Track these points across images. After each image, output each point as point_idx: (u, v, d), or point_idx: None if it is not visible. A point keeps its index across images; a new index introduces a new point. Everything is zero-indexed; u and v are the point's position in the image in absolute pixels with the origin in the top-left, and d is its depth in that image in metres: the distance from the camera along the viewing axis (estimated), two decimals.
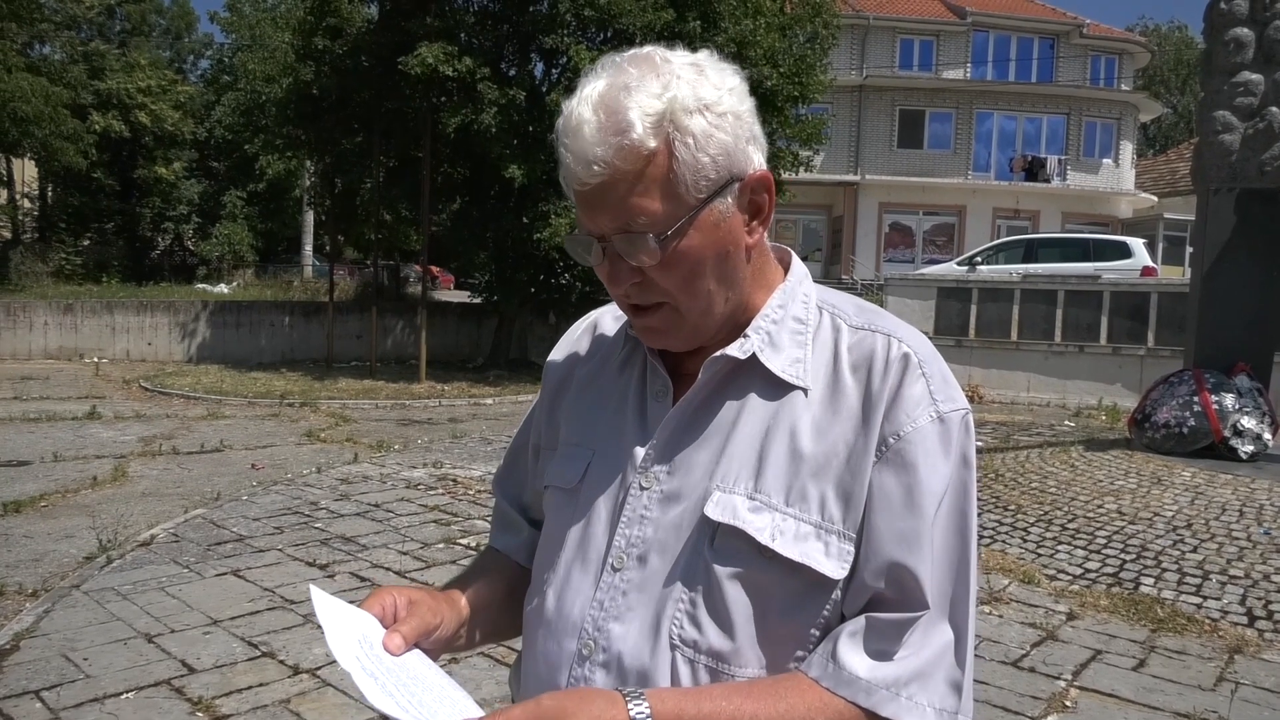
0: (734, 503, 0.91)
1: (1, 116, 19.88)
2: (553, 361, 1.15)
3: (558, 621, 0.97)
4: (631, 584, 0.94)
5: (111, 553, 5.20)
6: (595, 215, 0.91)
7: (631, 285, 0.93)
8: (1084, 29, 29.66)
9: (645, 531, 0.94)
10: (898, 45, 28.73)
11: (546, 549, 1.03)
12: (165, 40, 32.61)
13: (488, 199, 15.48)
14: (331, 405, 11.94)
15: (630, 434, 0.99)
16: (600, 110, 0.87)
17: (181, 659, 3.80)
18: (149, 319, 17.37)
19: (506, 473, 1.19)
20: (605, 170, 0.87)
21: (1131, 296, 13.79)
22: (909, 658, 0.87)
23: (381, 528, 5.96)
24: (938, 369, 0.95)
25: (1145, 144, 41.87)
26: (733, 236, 0.93)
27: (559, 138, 0.90)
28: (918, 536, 0.88)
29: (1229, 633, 4.41)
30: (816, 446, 0.92)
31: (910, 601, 0.88)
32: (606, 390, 1.05)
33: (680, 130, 0.87)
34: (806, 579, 0.89)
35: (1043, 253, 17.47)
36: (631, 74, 0.89)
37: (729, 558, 0.90)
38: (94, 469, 7.59)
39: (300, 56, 14.62)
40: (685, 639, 0.90)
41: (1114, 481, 6.87)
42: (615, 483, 0.98)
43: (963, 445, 0.93)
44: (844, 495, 0.90)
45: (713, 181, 0.89)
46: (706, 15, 13.32)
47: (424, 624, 0.95)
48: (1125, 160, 29.06)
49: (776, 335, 0.97)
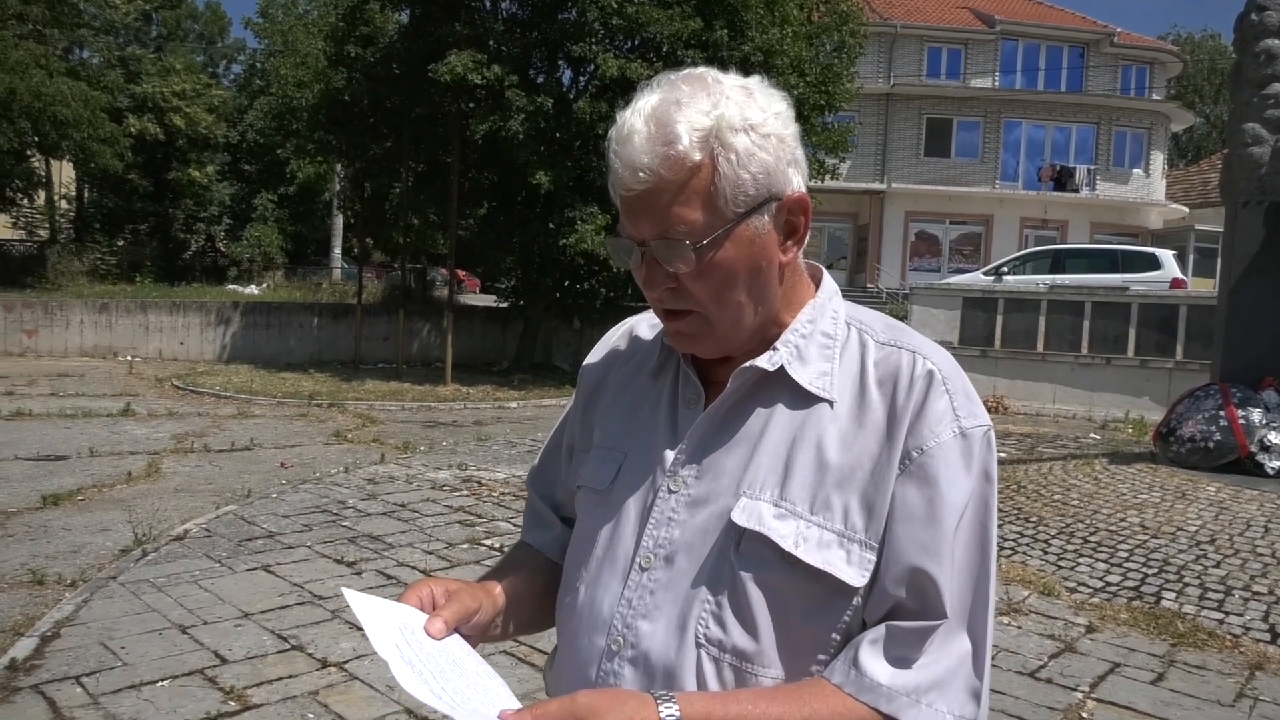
0: (760, 509, 0.95)
1: (42, 120, 20.34)
2: (588, 365, 1.19)
3: (589, 618, 1.02)
4: (659, 583, 0.98)
5: (146, 546, 5.34)
6: (637, 220, 0.95)
7: (665, 290, 0.97)
8: (1115, 38, 29.39)
9: (673, 533, 0.98)
10: (925, 53, 28.60)
11: (578, 547, 1.08)
12: (199, 45, 33.18)
13: (515, 204, 15.62)
14: (359, 406, 12.10)
15: (661, 439, 1.03)
16: (651, 122, 0.92)
17: (214, 649, 3.91)
18: (181, 319, 17.67)
19: (540, 470, 1.24)
20: (650, 178, 0.92)
21: (1160, 309, 13.65)
22: (929, 665, 0.91)
23: (407, 527, 6.06)
24: (960, 385, 0.98)
25: (1177, 154, 41.38)
26: (766, 253, 0.97)
27: (610, 145, 0.95)
28: (938, 547, 0.92)
29: (1250, 649, 4.38)
30: (841, 457, 0.95)
31: (930, 610, 0.91)
32: (640, 395, 1.09)
33: (725, 146, 0.92)
34: (828, 585, 0.93)
35: (1070, 263, 17.33)
36: (684, 91, 0.94)
37: (754, 562, 0.94)
38: (128, 465, 7.77)
39: (332, 63, 14.86)
40: (711, 638, 0.94)
41: (1137, 495, 6.84)
42: (645, 485, 1.02)
43: (984, 460, 0.96)
44: (867, 506, 0.94)
45: (751, 198, 0.94)
46: (733, 24, 13.38)
47: (464, 609, 0.99)
48: (1156, 170, 28.73)
49: (805, 349, 1.01)
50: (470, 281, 30.07)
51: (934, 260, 27.71)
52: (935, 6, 29.60)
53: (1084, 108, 28.00)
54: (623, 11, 13.10)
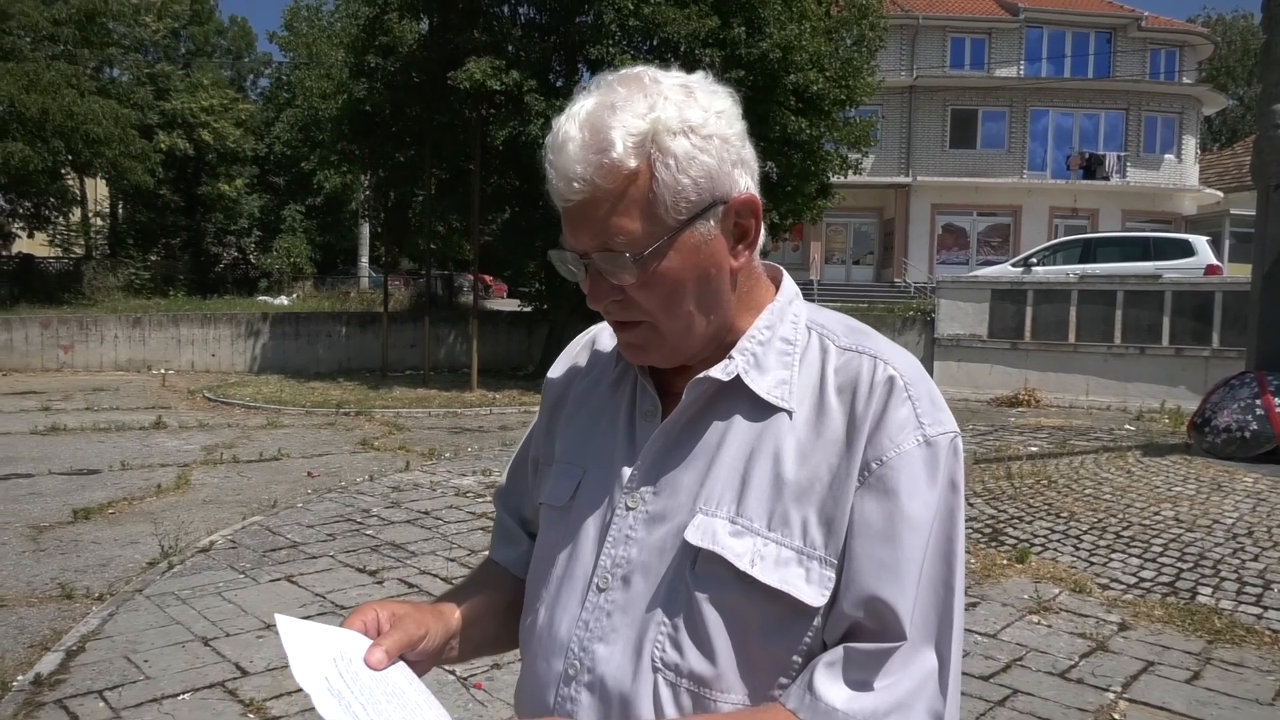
0: (715, 527, 0.91)
1: (75, 138, 20.73)
2: (551, 377, 1.15)
3: (547, 640, 0.98)
4: (616, 605, 0.94)
5: (173, 558, 5.41)
6: (577, 232, 0.92)
7: (611, 302, 0.94)
8: (1142, 22, 28.86)
9: (630, 552, 0.95)
10: (948, 44, 28.29)
11: (539, 566, 1.05)
12: (226, 60, 33.69)
13: (537, 209, 15.65)
14: (386, 414, 12.19)
15: (619, 453, 1.00)
16: (585, 128, 0.88)
17: (235, 662, 3.94)
18: (212, 331, 17.93)
19: (508, 486, 1.20)
20: (586, 188, 0.88)
21: (1195, 296, 13.37)
22: (889, 687, 0.86)
23: (430, 535, 6.08)
24: (925, 391, 0.93)
25: (1210, 138, 40.56)
26: (715, 260, 0.92)
27: (546, 153, 0.91)
28: (898, 565, 0.87)
29: None
30: (800, 470, 0.91)
31: (889, 631, 0.87)
32: (599, 408, 1.06)
33: (662, 151, 0.87)
34: (787, 606, 0.89)
35: (1101, 252, 17.02)
36: (620, 93, 0.89)
37: (709, 582, 0.90)
38: (159, 477, 7.87)
39: (354, 74, 14.99)
40: (667, 662, 0.91)
41: (1172, 488, 6.70)
42: (604, 502, 0.99)
43: (950, 469, 0.91)
44: (826, 521, 0.89)
45: (693, 204, 0.89)
46: (751, 21, 13.30)
47: (407, 636, 0.95)
48: (1188, 155, 28.16)
49: (763, 356, 0.96)
50: (497, 286, 30.22)
51: (962, 253, 27.39)
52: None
53: (1112, 93, 27.52)
54: (639, 13, 13.08)
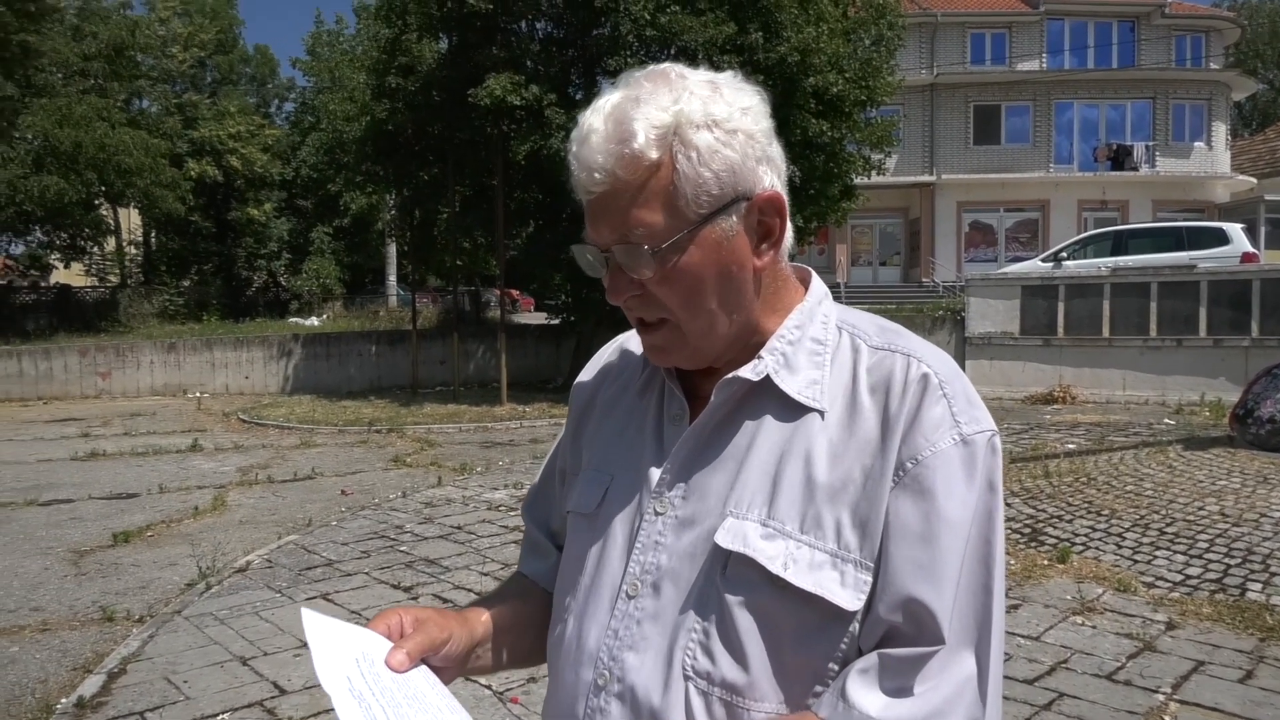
0: (746, 530, 0.89)
1: (107, 170, 21.18)
2: (578, 386, 1.15)
3: (576, 650, 0.97)
4: (646, 612, 0.92)
5: (210, 579, 5.46)
6: (598, 225, 0.91)
7: (631, 298, 0.93)
8: (1166, 8, 28.41)
9: (659, 558, 0.93)
10: (968, 40, 28.03)
11: (566, 575, 1.03)
12: (251, 87, 34.19)
13: (560, 221, 15.71)
14: (417, 430, 12.26)
15: (647, 458, 0.98)
16: (609, 120, 0.88)
17: (273, 681, 3.96)
18: (245, 354, 18.18)
19: (535, 498, 1.19)
20: (606, 179, 0.88)
21: (1232, 285, 13.13)
22: (925, 694, 0.83)
23: (463, 550, 6.09)
24: (960, 389, 0.91)
25: (1240, 123, 39.81)
26: (736, 257, 0.91)
27: (570, 147, 0.91)
28: (935, 567, 0.85)
29: None
30: (832, 471, 0.89)
31: (926, 636, 0.85)
32: (627, 414, 1.05)
33: (684, 144, 0.87)
34: (821, 610, 0.87)
35: (1133, 244, 16.76)
36: (646, 88, 0.89)
37: (741, 587, 0.88)
38: (196, 499, 7.97)
39: (375, 95, 15.15)
40: (698, 670, 0.89)
41: (1215, 482, 6.55)
42: (631, 508, 0.97)
43: (988, 469, 0.89)
44: (860, 522, 0.87)
45: (715, 198, 0.88)
46: (768, 26, 13.28)
47: (430, 639, 0.94)
48: (1219, 142, 27.65)
49: (793, 357, 0.95)
50: (524, 300, 30.36)
51: (990, 250, 27.08)
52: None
53: (1138, 83, 27.11)
54: (656, 22, 13.10)
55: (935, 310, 16.41)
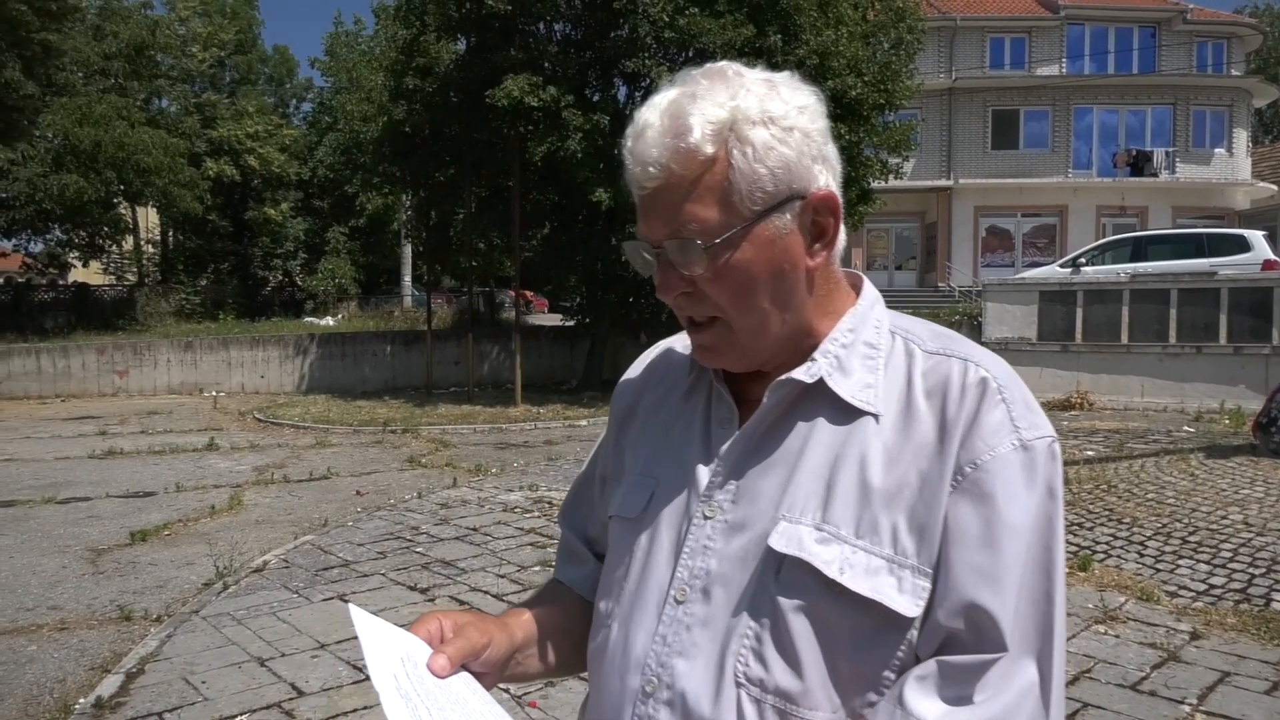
0: (800, 534, 0.88)
1: (126, 169, 21.34)
2: (620, 390, 1.14)
3: (621, 657, 0.95)
4: (695, 618, 0.91)
5: (227, 579, 5.47)
6: (650, 220, 0.91)
7: (681, 295, 0.92)
8: (1187, 14, 28.19)
9: (709, 563, 0.92)
10: (988, 45, 27.90)
11: (609, 581, 1.02)
12: (270, 87, 34.42)
13: (576, 223, 15.73)
14: (432, 431, 12.27)
15: (694, 462, 0.97)
16: (666, 115, 0.88)
17: (291, 682, 3.95)
18: (261, 353, 18.26)
19: (572, 504, 1.18)
20: (661, 173, 0.87)
21: (1252, 292, 13.00)
22: (985, 703, 0.81)
23: (479, 551, 6.08)
24: (1019, 394, 0.89)
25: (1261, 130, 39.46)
26: (789, 256, 0.91)
27: (625, 142, 0.91)
28: (997, 572, 0.83)
29: None
30: (888, 475, 0.88)
31: (988, 643, 0.82)
32: (672, 418, 1.03)
33: (740, 139, 0.87)
34: (878, 616, 0.85)
35: (1152, 250, 16.61)
36: (703, 84, 0.89)
37: (795, 592, 0.87)
38: (212, 498, 8.00)
39: (393, 96, 15.21)
40: (751, 677, 0.87)
41: (1238, 490, 6.48)
42: (678, 512, 0.96)
43: (1048, 475, 0.87)
44: (918, 527, 0.86)
45: (769, 195, 0.88)
46: (787, 29, 13.25)
47: (471, 645, 0.93)
48: (1240, 149, 27.42)
49: (846, 360, 0.94)
50: (539, 302, 30.41)
51: (1007, 255, 26.93)
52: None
53: (1159, 89, 26.92)
54: (674, 24, 13.09)
55: (952, 315, 16.33)
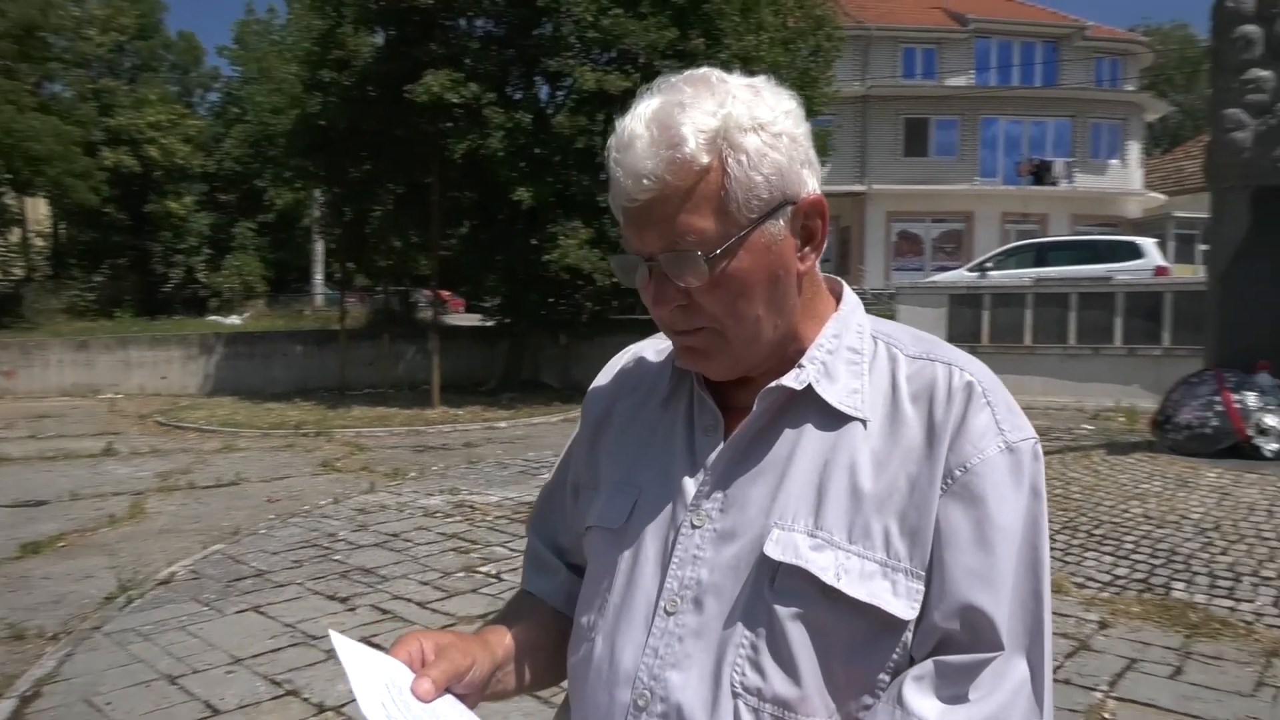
0: (795, 540, 0.88)
1: (13, 156, 20.15)
2: (592, 396, 1.12)
3: (609, 670, 0.93)
4: (688, 629, 0.90)
5: (131, 592, 5.18)
6: (643, 233, 0.89)
7: (676, 308, 0.91)
8: (1086, 31, 29.63)
9: (699, 573, 0.91)
10: (900, 54, 28.76)
11: (591, 594, 1.00)
12: (174, 75, 32.97)
13: (497, 222, 15.54)
14: (346, 434, 11.94)
15: (679, 470, 0.96)
16: (653, 125, 0.87)
17: (205, 700, 3.76)
18: (163, 353, 17.47)
19: (541, 512, 1.15)
20: (655, 185, 0.86)
21: (1145, 297, 13.70)
22: (982, 700, 0.83)
23: (400, 558, 5.92)
24: (1002, 397, 0.92)
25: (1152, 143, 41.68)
26: (783, 261, 0.91)
27: (610, 154, 0.89)
28: (990, 575, 0.85)
29: (1265, 635, 4.32)
30: (878, 480, 0.88)
31: (983, 643, 0.84)
32: (650, 426, 1.02)
33: (734, 147, 0.86)
34: (874, 620, 0.86)
35: (1053, 256, 17.38)
36: (687, 92, 0.88)
37: (792, 599, 0.87)
38: (111, 506, 7.59)
39: (307, 88, 14.75)
40: (748, 686, 0.87)
41: (1139, 485, 6.78)
42: (664, 522, 0.95)
43: (1033, 476, 0.89)
44: (909, 531, 0.87)
45: (765, 202, 0.88)
46: (709, 32, 13.36)
47: (454, 666, 0.91)
48: (1133, 160, 28.96)
49: (832, 365, 0.94)
50: (454, 301, 29.90)
51: (917, 259, 27.79)
52: (908, 8, 29.77)
53: (1059, 101, 28.21)
54: (598, 24, 13.07)
55: None
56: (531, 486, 8.14)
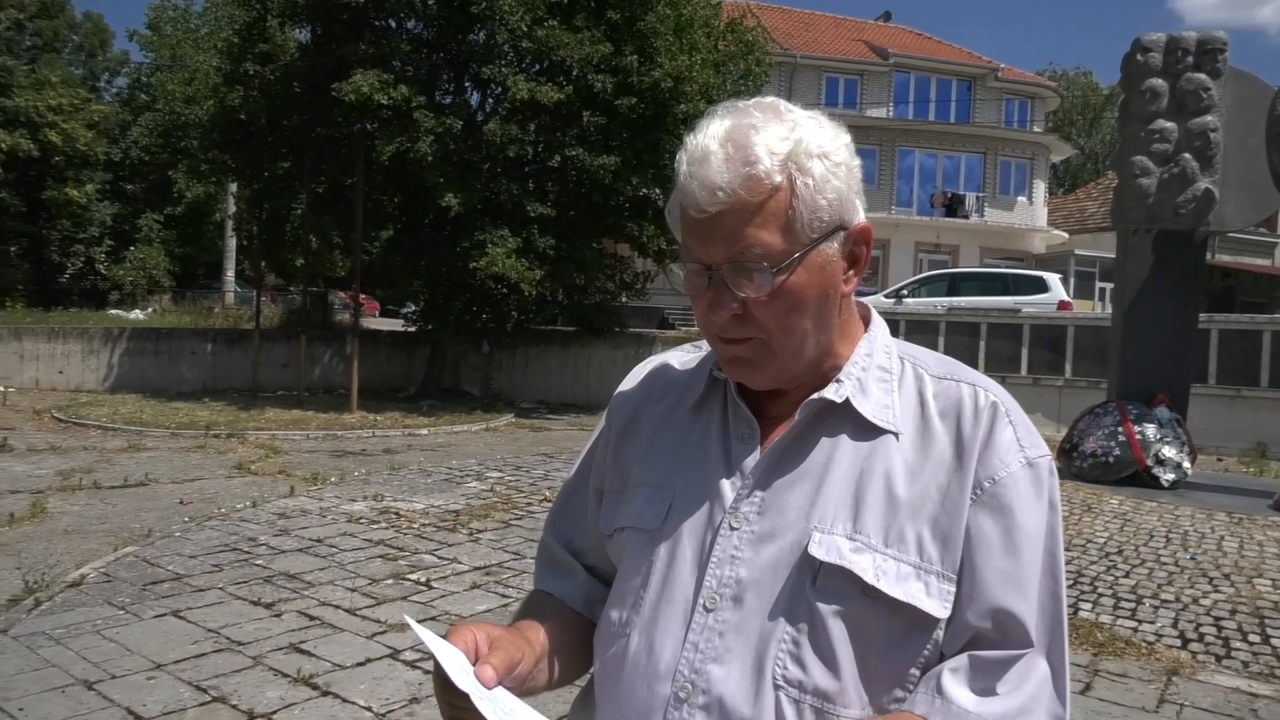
0: (837, 543, 0.93)
1: None
2: (618, 401, 1.16)
3: (647, 665, 0.97)
4: (728, 625, 0.94)
5: (39, 594, 4.91)
6: (709, 243, 0.94)
7: (731, 317, 0.95)
8: (999, 73, 31.05)
9: (738, 572, 0.95)
10: (824, 84, 29.58)
11: (624, 591, 1.03)
12: (78, 57, 31.48)
13: (422, 227, 15.31)
14: (260, 436, 11.55)
15: (714, 475, 1.01)
16: (728, 144, 0.92)
17: (127, 707, 3.60)
18: (60, 346, 16.58)
19: (560, 513, 1.18)
20: (728, 198, 0.91)
21: (1050, 329, 14.38)
22: (1012, 693, 0.90)
23: (326, 564, 5.77)
24: (1021, 418, 1.00)
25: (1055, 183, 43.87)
26: (833, 281, 0.97)
27: (681, 167, 0.94)
28: (1020, 576, 0.92)
29: (1165, 655, 4.56)
30: (911, 489, 0.95)
31: (1013, 640, 0.92)
32: (682, 432, 1.06)
33: (802, 171, 0.93)
34: (909, 618, 0.92)
35: (964, 286, 18.08)
36: (757, 116, 0.94)
37: (833, 597, 0.92)
38: (9, 505, 7.18)
39: (228, 80, 14.27)
40: (790, 679, 0.92)
41: None
42: (700, 523, 0.99)
43: (1051, 490, 0.98)
44: (941, 536, 0.93)
45: (825, 224, 0.94)
46: (643, 50, 13.49)
47: (509, 658, 0.94)
48: (1038, 198, 30.42)
49: (866, 382, 1.01)
50: (369, 305, 29.26)
51: None
52: (832, 39, 30.69)
53: (972, 138, 29.46)
54: (533, 35, 13.07)
55: None
56: (457, 494, 8.04)
